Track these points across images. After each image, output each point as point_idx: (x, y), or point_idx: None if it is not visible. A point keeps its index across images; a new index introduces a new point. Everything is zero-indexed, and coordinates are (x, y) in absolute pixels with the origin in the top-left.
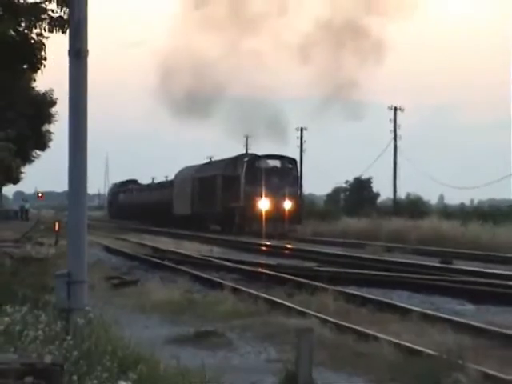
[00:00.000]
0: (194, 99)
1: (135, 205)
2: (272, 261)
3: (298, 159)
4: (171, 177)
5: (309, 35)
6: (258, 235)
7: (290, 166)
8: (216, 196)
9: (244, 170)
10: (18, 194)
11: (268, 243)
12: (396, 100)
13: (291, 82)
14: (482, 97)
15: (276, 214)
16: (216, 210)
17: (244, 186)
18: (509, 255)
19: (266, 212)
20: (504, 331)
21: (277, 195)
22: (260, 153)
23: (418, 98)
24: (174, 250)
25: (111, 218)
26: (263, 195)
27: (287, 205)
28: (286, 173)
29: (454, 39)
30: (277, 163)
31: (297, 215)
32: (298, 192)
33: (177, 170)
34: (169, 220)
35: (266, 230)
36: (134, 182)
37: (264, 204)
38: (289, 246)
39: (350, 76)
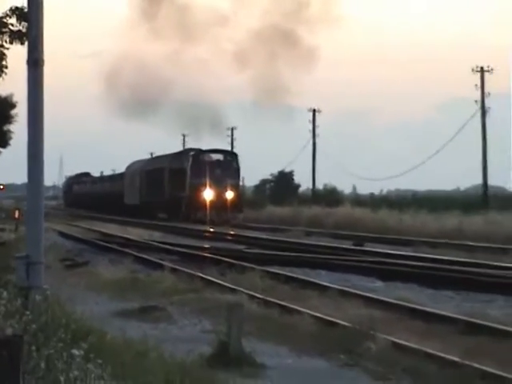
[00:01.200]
0: (139, 102)
1: (89, 195)
2: (207, 244)
3: None
4: (118, 170)
5: (245, 44)
6: (202, 222)
7: (231, 159)
8: (163, 187)
9: (190, 163)
10: None
11: (204, 229)
12: (319, 104)
13: (232, 86)
14: (391, 103)
15: (219, 203)
16: (163, 199)
17: (190, 178)
18: (413, 238)
19: (210, 201)
20: (410, 305)
21: (220, 186)
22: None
23: (337, 101)
24: (120, 235)
25: (66, 207)
26: (207, 186)
27: (229, 195)
28: (228, 165)
29: (373, 51)
30: (219, 157)
31: (238, 204)
32: (239, 183)
33: (124, 164)
34: (120, 209)
35: (210, 217)
36: (87, 174)
37: (208, 194)
38: (222, 231)
39: (281, 82)
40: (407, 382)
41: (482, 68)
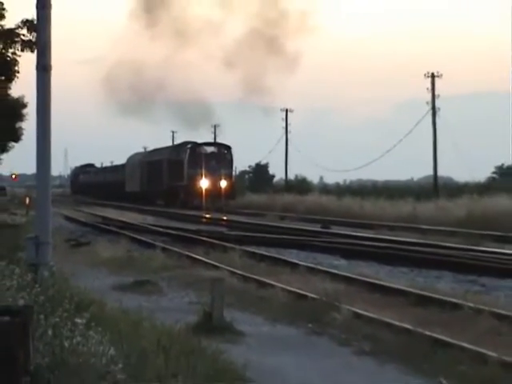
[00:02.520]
0: (134, 101)
1: (93, 183)
2: (194, 227)
3: None
4: (116, 162)
5: (231, 49)
6: (199, 208)
7: (226, 151)
8: (162, 176)
9: (187, 154)
10: None
11: (192, 213)
12: (292, 104)
13: (220, 86)
14: (355, 104)
15: (214, 191)
16: (162, 187)
17: (187, 168)
18: (373, 222)
19: (206, 189)
20: (369, 280)
21: (215, 175)
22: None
23: (307, 102)
24: (118, 218)
25: (73, 194)
26: (203, 176)
27: (223, 183)
28: (222, 157)
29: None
30: (214, 149)
31: (231, 192)
32: (232, 173)
33: (121, 156)
34: (121, 196)
35: (206, 204)
36: (92, 165)
37: (204, 183)
38: (207, 215)
39: (262, 83)
40: (367, 347)
41: (432, 74)
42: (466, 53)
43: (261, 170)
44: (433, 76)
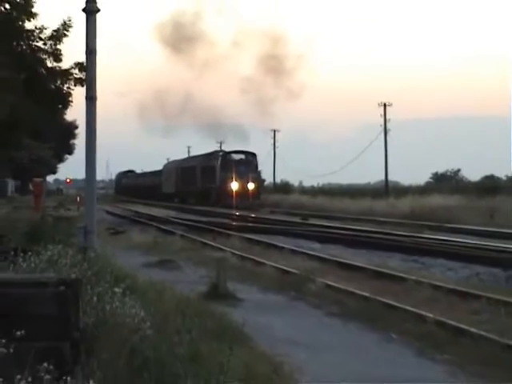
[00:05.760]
0: (164, 120)
1: (134, 185)
2: (205, 219)
3: None
4: (145, 169)
5: (243, 78)
6: (229, 207)
7: (252, 158)
8: (196, 179)
9: (219, 161)
10: (56, 180)
11: (204, 208)
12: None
13: (232, 109)
14: (326, 126)
15: (243, 192)
16: (195, 189)
17: (219, 173)
18: (340, 215)
19: (236, 191)
20: (338, 259)
21: (243, 179)
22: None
23: (290, 124)
24: (147, 213)
25: (116, 194)
26: (233, 179)
27: (251, 186)
28: (249, 163)
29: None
30: (242, 156)
31: (257, 193)
32: (258, 177)
33: (150, 165)
34: (158, 196)
35: (236, 203)
36: (132, 171)
37: (234, 185)
38: (215, 210)
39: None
40: (335, 309)
41: (384, 103)
42: (412, 85)
43: None
44: (384, 105)
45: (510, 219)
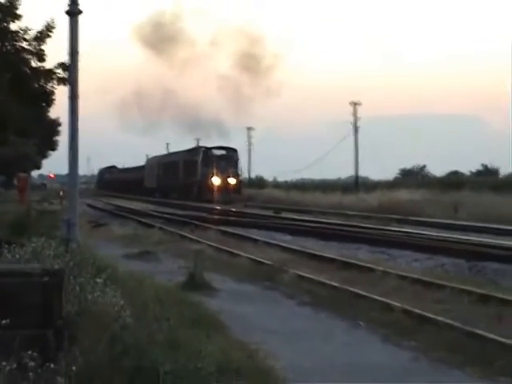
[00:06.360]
0: (144, 117)
1: (116, 180)
2: (183, 212)
3: None
4: (127, 165)
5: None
6: (210, 201)
7: (233, 153)
8: (178, 174)
9: (201, 156)
10: (40, 175)
11: (183, 203)
12: (253, 123)
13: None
14: (299, 124)
15: (224, 187)
16: (177, 184)
17: (201, 168)
18: (311, 209)
19: (217, 186)
20: (308, 251)
21: (224, 174)
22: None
23: (265, 121)
24: (128, 206)
25: (98, 189)
26: (215, 174)
27: (232, 181)
28: (230, 158)
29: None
30: (224, 152)
31: (238, 188)
32: (238, 172)
33: (130, 161)
34: (140, 190)
35: (217, 198)
36: (114, 167)
37: (216, 180)
38: (193, 204)
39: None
40: (307, 299)
41: (355, 102)
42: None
43: None
44: (355, 104)
45: (473, 213)
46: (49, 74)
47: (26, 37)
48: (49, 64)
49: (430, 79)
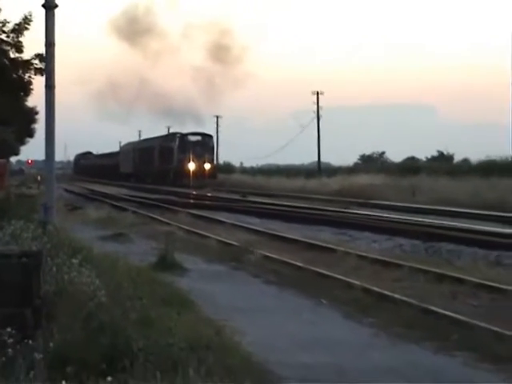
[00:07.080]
0: (119, 106)
1: (92, 166)
2: (155, 196)
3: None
4: (102, 151)
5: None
6: (187, 187)
7: (208, 139)
8: (154, 160)
9: (177, 142)
10: (18, 161)
11: (154, 187)
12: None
13: (183, 94)
14: (264, 113)
15: (199, 172)
16: (153, 169)
17: (177, 154)
18: (276, 193)
19: (192, 171)
20: (274, 233)
21: (200, 159)
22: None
23: (231, 110)
24: (102, 191)
25: (75, 174)
26: (190, 159)
27: (207, 166)
28: (206, 144)
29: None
30: (199, 138)
31: (213, 173)
32: (214, 157)
33: (104, 148)
34: (116, 175)
35: (193, 183)
36: (90, 153)
37: (191, 165)
38: (164, 188)
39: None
40: (272, 278)
41: (317, 92)
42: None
43: None
44: (317, 93)
45: (430, 196)
46: (26, 64)
47: (5, 29)
48: (26, 55)
49: (390, 72)
